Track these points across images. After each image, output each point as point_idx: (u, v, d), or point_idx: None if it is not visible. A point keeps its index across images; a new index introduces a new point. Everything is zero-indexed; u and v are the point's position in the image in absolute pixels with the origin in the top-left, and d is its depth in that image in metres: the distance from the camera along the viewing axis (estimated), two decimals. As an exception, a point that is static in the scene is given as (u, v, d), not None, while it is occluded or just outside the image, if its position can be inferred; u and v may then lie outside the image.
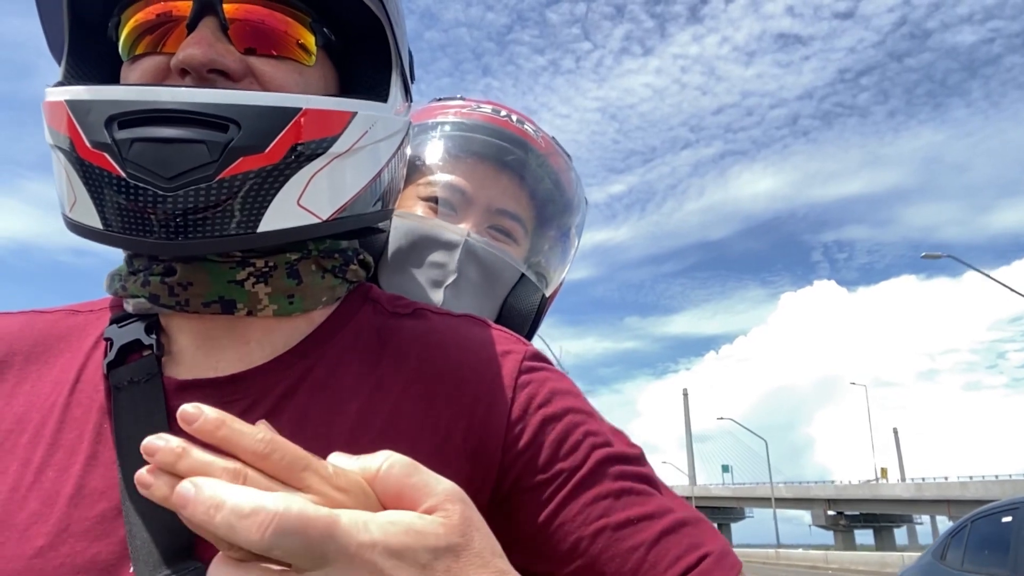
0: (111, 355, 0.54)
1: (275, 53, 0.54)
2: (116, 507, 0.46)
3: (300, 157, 0.50)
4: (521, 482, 0.53)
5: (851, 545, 52.88)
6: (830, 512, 53.34)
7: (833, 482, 55.26)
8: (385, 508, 0.34)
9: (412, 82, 0.66)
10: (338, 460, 0.36)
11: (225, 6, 0.52)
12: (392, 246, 0.85)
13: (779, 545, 50.48)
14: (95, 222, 0.49)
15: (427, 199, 0.90)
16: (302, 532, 0.29)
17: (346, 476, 0.34)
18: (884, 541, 56.71)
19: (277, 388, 0.53)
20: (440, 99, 1.03)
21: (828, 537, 57.18)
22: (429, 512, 0.34)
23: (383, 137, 0.57)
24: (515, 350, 0.59)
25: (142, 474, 0.31)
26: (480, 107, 0.98)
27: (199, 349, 0.55)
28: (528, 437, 0.53)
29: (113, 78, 0.57)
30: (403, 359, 0.57)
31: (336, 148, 0.52)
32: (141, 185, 0.46)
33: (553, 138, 1.01)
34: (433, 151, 0.93)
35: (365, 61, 0.61)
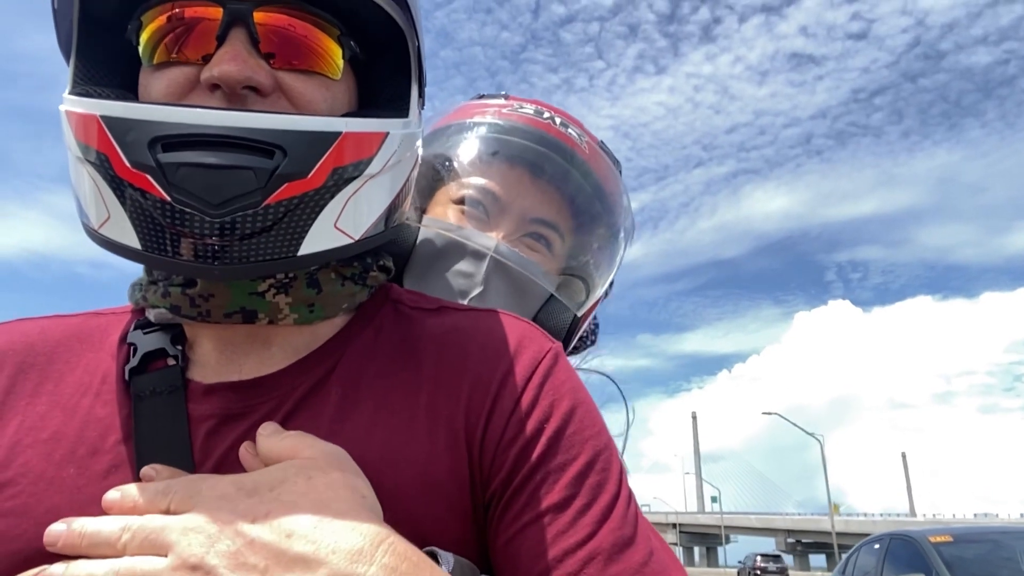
0: (134, 361, 0.54)
1: (304, 67, 0.54)
2: None
3: (339, 181, 0.50)
4: (500, 490, 0.52)
5: (806, 567, 63.70)
6: (789, 540, 64.41)
7: (793, 515, 66.07)
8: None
9: (425, 85, 0.65)
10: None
11: (255, 15, 0.52)
12: (419, 251, 0.82)
13: (726, 566, 62.38)
14: (133, 242, 0.48)
15: (459, 203, 0.87)
16: None
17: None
18: (835, 564, 67.16)
19: (297, 390, 0.53)
20: (482, 96, 1.00)
21: (789, 560, 67.85)
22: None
23: (407, 154, 0.58)
24: (535, 347, 0.58)
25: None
26: (522, 107, 0.92)
27: (222, 354, 0.56)
28: (520, 444, 0.52)
29: (126, 81, 0.56)
30: (422, 357, 0.56)
31: (371, 169, 0.52)
32: (188, 211, 0.46)
33: (601, 143, 0.97)
34: (469, 153, 0.89)
35: (385, 71, 0.60)
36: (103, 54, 0.56)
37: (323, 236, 0.51)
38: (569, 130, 0.91)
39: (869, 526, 52.55)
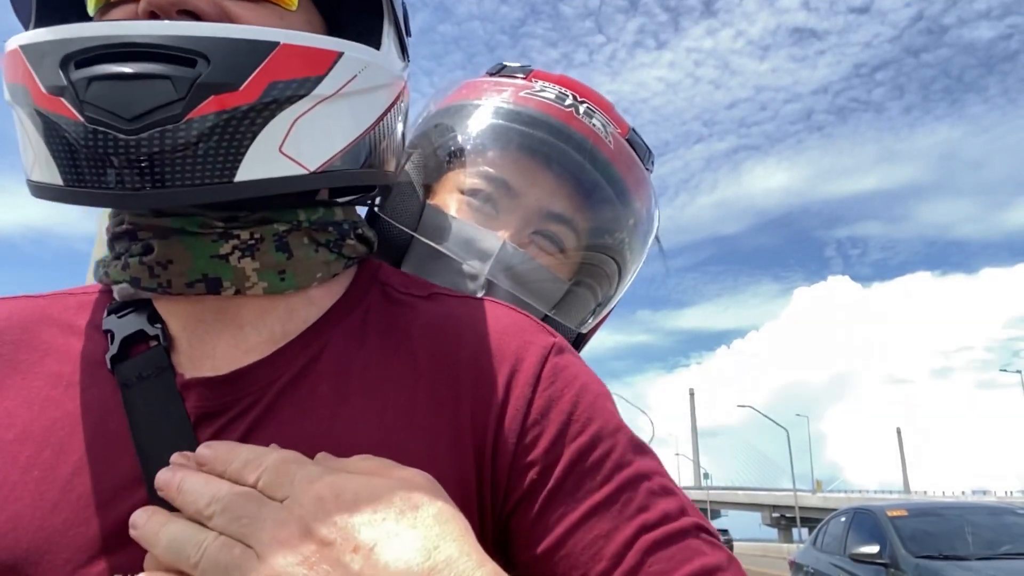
0: (113, 348, 0.50)
1: None
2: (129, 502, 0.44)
3: (280, 98, 0.45)
4: (529, 496, 0.49)
5: (789, 540, 65.44)
6: (774, 514, 66.20)
7: (776, 492, 67.78)
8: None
9: (408, 36, 0.60)
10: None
11: None
12: (418, 244, 0.76)
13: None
14: (55, 179, 0.43)
15: (467, 192, 0.80)
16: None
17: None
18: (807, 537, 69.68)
19: (278, 382, 0.49)
20: (503, 67, 0.91)
21: (774, 533, 69.76)
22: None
23: (376, 86, 0.52)
24: (539, 341, 0.54)
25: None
26: (543, 91, 0.84)
27: (193, 334, 0.51)
28: (545, 445, 0.49)
29: None
30: (415, 347, 0.53)
31: (321, 90, 0.47)
32: (100, 129, 0.41)
33: (631, 130, 0.90)
34: (481, 139, 0.81)
35: (354, 10, 0.56)
36: (61, 19, 0.52)
37: (265, 161, 0.45)
38: (593, 120, 0.84)
39: (847, 503, 54.12)
